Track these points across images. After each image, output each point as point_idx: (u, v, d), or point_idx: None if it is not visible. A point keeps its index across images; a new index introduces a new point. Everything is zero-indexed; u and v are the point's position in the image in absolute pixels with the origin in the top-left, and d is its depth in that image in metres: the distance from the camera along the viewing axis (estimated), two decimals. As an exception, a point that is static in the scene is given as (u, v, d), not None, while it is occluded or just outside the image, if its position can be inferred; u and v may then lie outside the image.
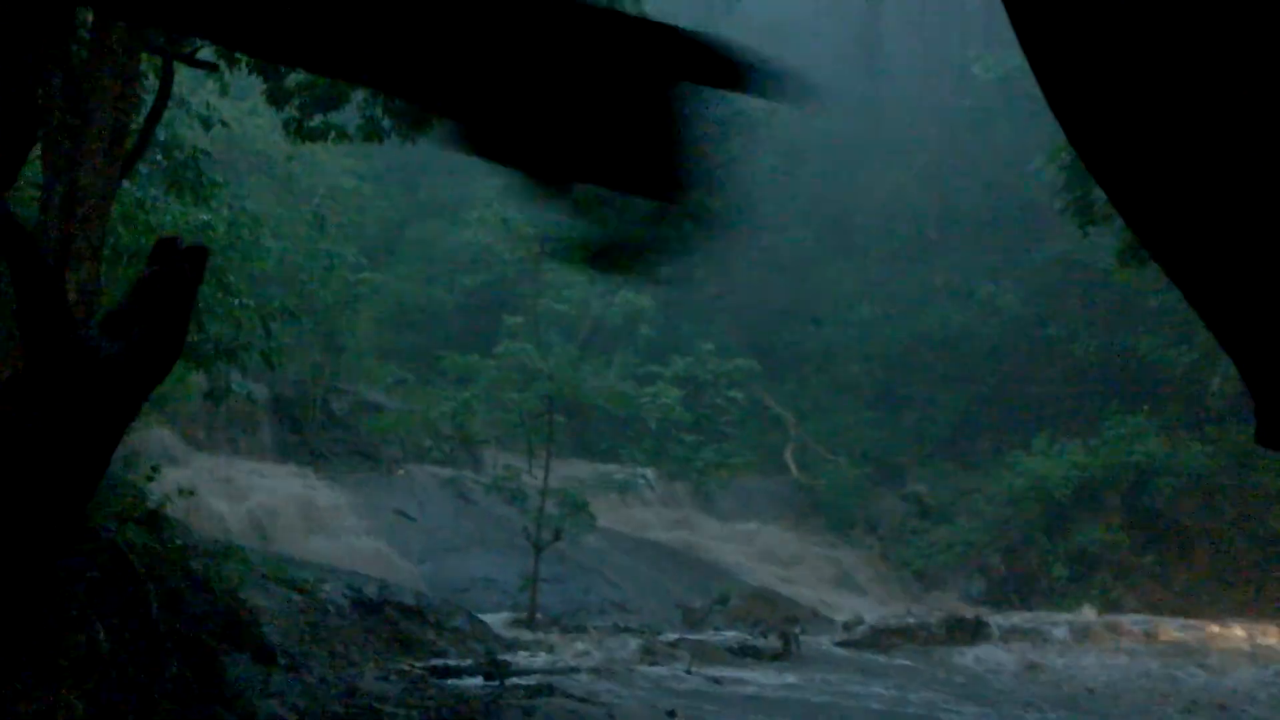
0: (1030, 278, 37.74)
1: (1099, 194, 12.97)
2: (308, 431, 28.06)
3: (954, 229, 42.67)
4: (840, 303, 42.46)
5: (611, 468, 26.27)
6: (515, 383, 22.83)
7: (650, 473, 27.97)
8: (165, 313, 4.37)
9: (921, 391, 38.71)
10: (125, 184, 11.25)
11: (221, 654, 9.09)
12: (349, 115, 13.35)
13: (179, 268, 4.41)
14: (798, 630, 20.81)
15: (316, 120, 13.12)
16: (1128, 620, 23.17)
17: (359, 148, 16.15)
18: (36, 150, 8.78)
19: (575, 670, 14.74)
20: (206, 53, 11.99)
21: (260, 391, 25.85)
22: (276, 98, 12.94)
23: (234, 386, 19.16)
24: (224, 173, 17.82)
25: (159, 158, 14.25)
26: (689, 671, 15.78)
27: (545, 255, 28.48)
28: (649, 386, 28.47)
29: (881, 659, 19.53)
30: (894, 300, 41.30)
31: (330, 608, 14.54)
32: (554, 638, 18.49)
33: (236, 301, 15.37)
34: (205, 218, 14.98)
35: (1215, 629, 22.36)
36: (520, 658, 15.60)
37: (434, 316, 41.36)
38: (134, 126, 10.06)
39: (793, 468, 37.39)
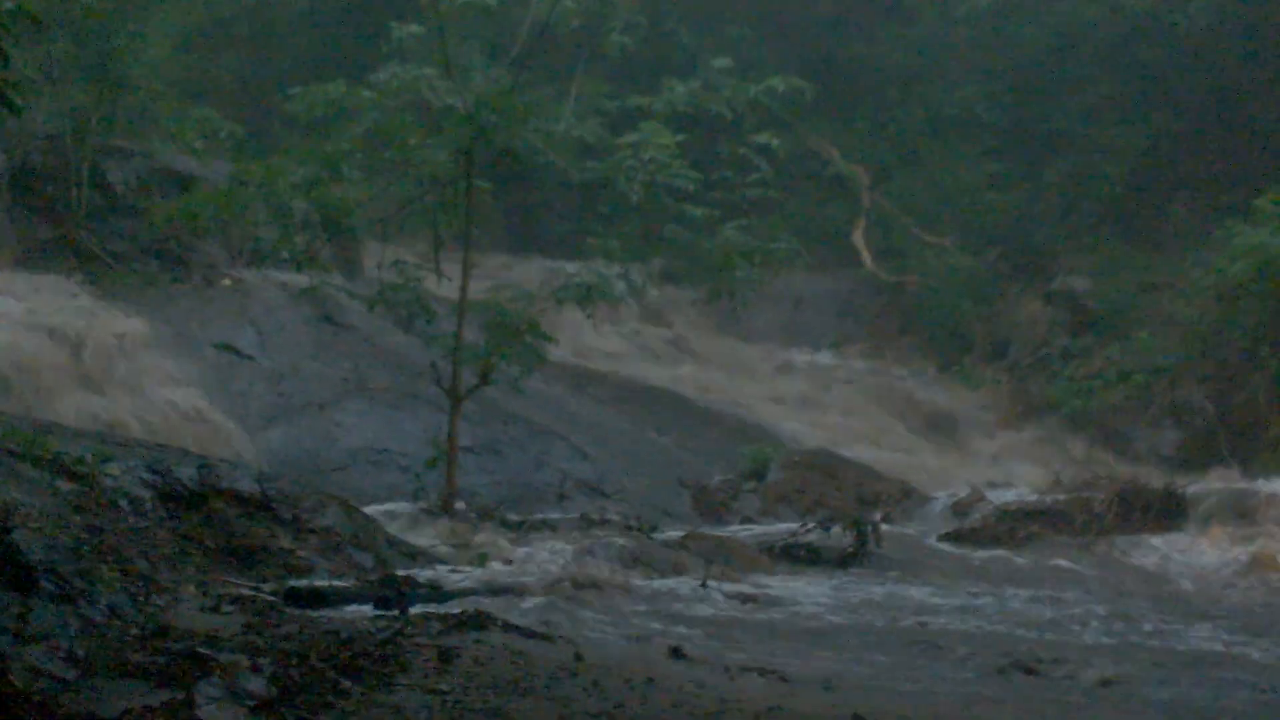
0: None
1: None
2: (71, 221, 27.91)
3: None
4: (943, -16, 41.95)
5: (571, 267, 26.09)
6: (410, 130, 22.56)
7: (636, 271, 27.68)
8: None
9: (1076, 129, 38.48)
10: None
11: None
12: None
13: None
14: (878, 517, 21.12)
15: None
16: None
17: None
18: None
19: (520, 590, 14.96)
20: None
21: (-12, 155, 25.59)
22: None
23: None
24: None
25: None
26: (704, 585, 16.04)
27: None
28: (628, 133, 28.19)
29: (1012, 560, 19.85)
30: (1031, -21, 40.78)
31: (123, 502, 14.65)
32: (485, 539, 18.75)
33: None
34: None
35: None
36: (432, 572, 15.81)
37: (274, 27, 40.82)
38: None
39: (866, 257, 37.44)
